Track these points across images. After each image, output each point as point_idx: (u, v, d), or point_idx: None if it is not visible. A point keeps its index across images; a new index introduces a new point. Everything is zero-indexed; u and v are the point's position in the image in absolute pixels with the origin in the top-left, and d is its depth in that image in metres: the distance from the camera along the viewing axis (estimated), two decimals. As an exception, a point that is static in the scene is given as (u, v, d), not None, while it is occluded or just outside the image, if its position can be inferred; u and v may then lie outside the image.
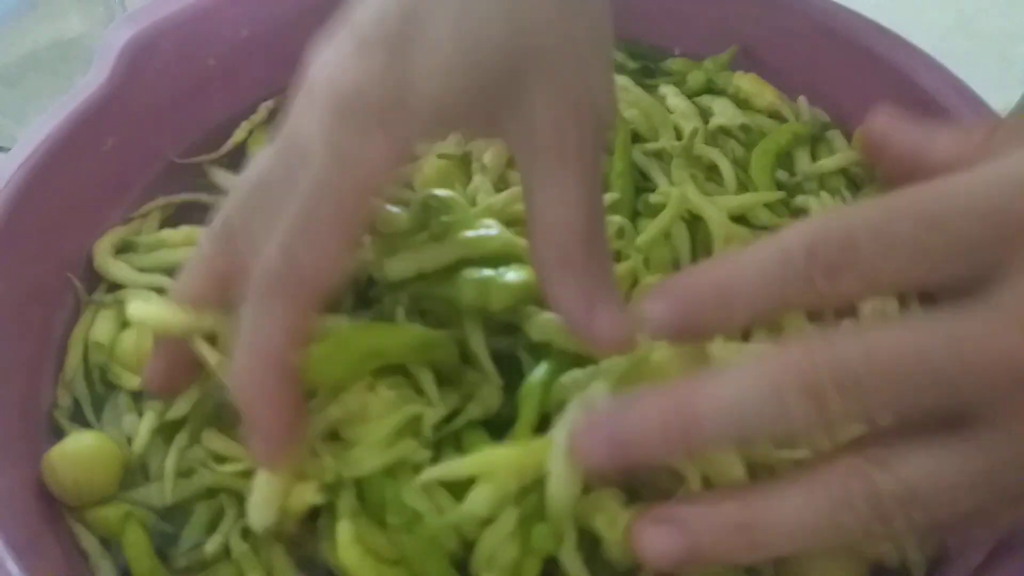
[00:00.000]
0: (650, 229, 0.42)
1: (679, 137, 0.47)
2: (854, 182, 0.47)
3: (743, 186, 0.46)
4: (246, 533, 0.35)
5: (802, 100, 0.49)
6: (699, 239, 0.43)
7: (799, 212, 0.45)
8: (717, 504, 0.26)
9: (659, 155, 0.46)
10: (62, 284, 0.42)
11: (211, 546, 0.35)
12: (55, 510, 0.36)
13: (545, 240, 0.30)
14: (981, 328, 0.23)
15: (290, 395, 0.30)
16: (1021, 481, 0.23)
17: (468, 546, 0.31)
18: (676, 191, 0.42)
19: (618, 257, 0.40)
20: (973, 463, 0.23)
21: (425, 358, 0.34)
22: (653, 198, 0.43)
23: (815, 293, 0.24)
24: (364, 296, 0.36)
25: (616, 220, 0.42)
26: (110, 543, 0.36)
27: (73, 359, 0.41)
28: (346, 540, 0.31)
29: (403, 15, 0.29)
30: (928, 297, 0.25)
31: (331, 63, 0.30)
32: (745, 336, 0.37)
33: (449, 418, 0.34)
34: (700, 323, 0.26)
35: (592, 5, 0.31)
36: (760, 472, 0.29)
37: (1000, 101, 0.46)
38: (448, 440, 0.34)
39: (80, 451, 0.36)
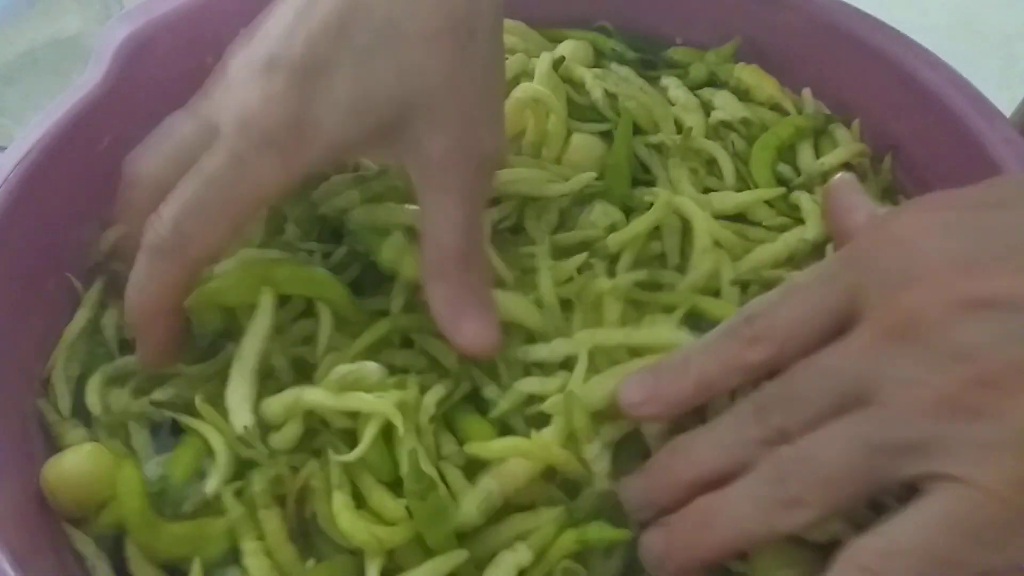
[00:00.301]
0: (626, 231, 0.41)
1: (680, 130, 0.47)
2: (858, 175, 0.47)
3: (743, 180, 0.45)
4: (240, 492, 0.35)
5: (806, 92, 0.49)
6: (691, 237, 0.42)
7: (794, 208, 0.45)
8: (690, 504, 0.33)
9: (659, 148, 0.46)
10: (60, 283, 0.42)
11: (211, 487, 0.35)
12: (52, 513, 0.36)
13: (426, 254, 0.36)
14: (851, 339, 0.31)
15: (167, 324, 0.36)
16: (890, 440, 0.30)
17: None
18: (663, 197, 0.42)
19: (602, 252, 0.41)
20: (852, 428, 0.30)
21: (313, 294, 0.38)
22: (647, 197, 0.43)
23: (743, 342, 0.33)
24: (338, 234, 0.41)
25: (611, 212, 0.42)
26: (105, 542, 0.36)
27: (61, 348, 0.40)
28: (340, 506, 0.34)
29: (307, 43, 0.33)
30: None
31: (242, 73, 0.35)
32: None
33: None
34: (665, 390, 0.34)
35: (478, 69, 0.35)
36: None
37: (1003, 99, 0.46)
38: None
39: (75, 466, 0.36)
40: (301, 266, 0.39)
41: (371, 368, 0.35)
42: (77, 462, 0.36)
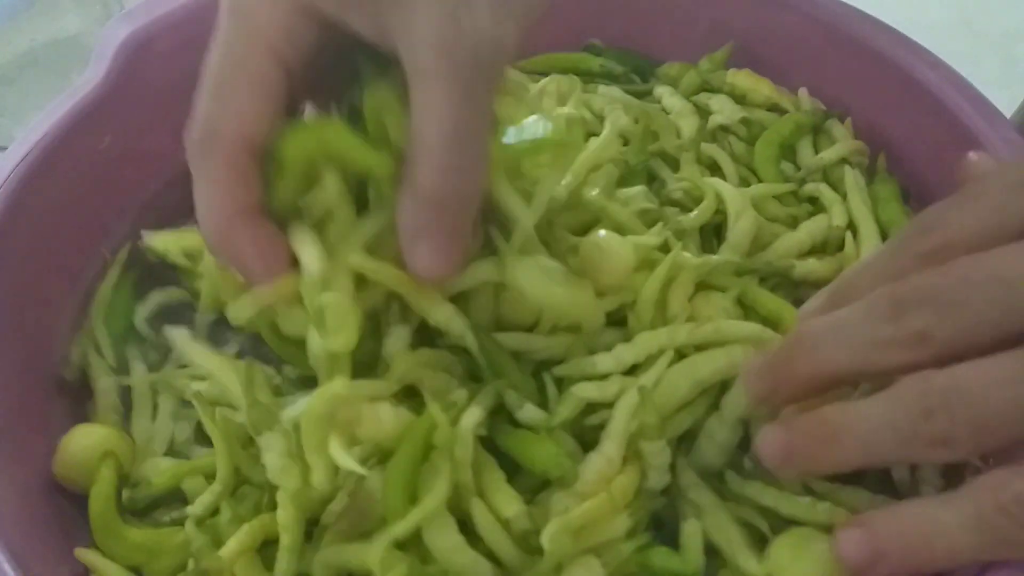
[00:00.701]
0: (696, 214, 0.41)
1: (679, 135, 0.47)
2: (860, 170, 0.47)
3: (745, 182, 0.45)
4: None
5: (803, 91, 0.49)
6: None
7: (811, 200, 0.45)
8: (816, 410, 0.30)
9: (663, 155, 0.46)
10: (60, 282, 0.42)
11: (198, 508, 0.35)
12: (52, 507, 0.37)
13: (408, 152, 0.30)
14: None
15: (253, 238, 0.32)
16: None
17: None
18: (708, 185, 0.42)
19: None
20: (1015, 361, 0.26)
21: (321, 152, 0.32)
22: (674, 193, 0.43)
23: (919, 258, 0.29)
24: None
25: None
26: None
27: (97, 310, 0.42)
28: None
29: None
30: None
31: None
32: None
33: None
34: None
35: None
36: None
37: (1003, 99, 0.46)
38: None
39: (86, 445, 0.37)
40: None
41: (385, 412, 0.33)
42: (86, 437, 0.37)
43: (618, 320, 0.38)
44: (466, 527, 0.32)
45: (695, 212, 0.42)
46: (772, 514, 0.35)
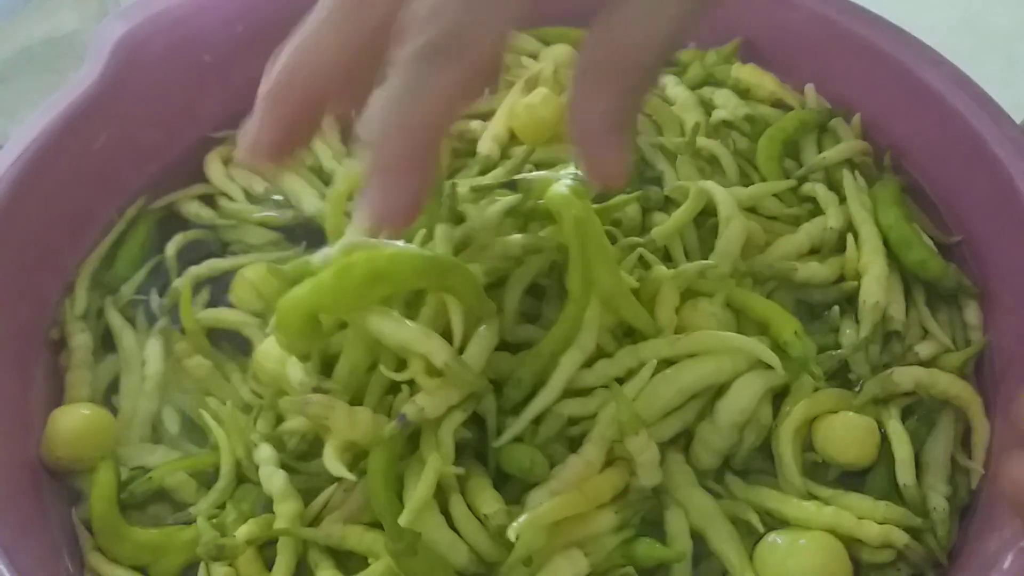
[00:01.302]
0: (670, 223, 0.41)
1: (683, 132, 0.46)
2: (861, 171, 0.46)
3: (746, 177, 0.45)
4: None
5: (809, 88, 0.49)
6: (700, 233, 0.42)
7: (808, 200, 0.45)
8: None
9: (662, 148, 0.45)
10: (55, 281, 0.42)
11: (199, 508, 0.36)
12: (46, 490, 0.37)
13: (598, 48, 0.28)
14: None
15: (432, 163, 0.29)
16: None
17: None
18: (696, 186, 0.42)
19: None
20: None
21: (437, 283, 0.32)
22: (669, 192, 0.43)
23: None
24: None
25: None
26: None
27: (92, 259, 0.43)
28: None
29: None
30: None
31: None
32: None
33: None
34: None
35: None
36: None
37: (1006, 98, 0.45)
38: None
39: (72, 426, 0.37)
40: (413, 251, 0.32)
41: (363, 415, 0.34)
42: (74, 415, 0.37)
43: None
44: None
45: (668, 221, 0.41)
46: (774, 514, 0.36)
